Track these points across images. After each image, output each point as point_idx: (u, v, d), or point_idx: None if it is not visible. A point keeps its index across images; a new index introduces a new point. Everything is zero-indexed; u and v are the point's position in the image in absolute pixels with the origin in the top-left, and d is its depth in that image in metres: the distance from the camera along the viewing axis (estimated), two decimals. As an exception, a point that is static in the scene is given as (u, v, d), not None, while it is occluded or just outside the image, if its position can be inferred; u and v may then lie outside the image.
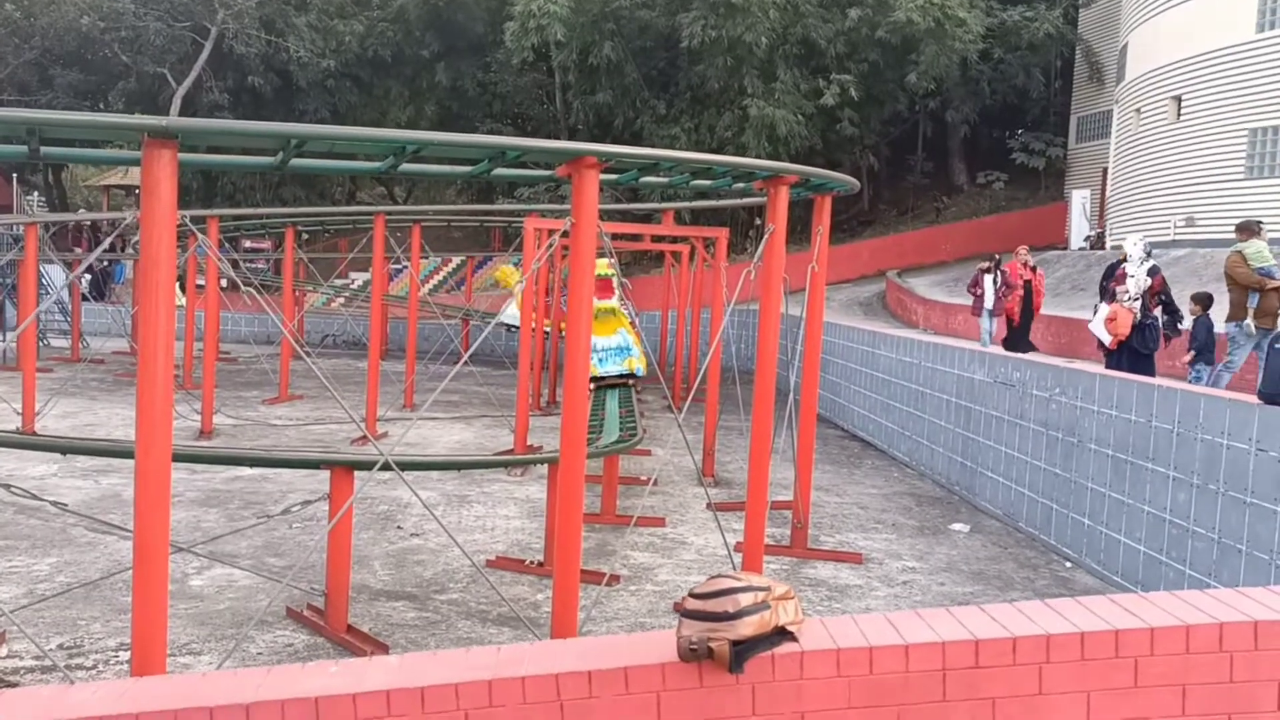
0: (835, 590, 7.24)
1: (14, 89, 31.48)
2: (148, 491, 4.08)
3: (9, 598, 6.27)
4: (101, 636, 5.95)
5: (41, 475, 9.94)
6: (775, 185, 6.29)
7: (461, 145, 5.16)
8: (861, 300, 21.68)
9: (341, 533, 6.00)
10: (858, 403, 14.16)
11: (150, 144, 3.95)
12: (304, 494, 9.14)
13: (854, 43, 25.70)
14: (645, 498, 9.93)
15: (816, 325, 8.11)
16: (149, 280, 4.03)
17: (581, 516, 5.47)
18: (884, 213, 29.59)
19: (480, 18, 30.10)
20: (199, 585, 6.89)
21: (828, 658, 2.89)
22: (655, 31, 26.67)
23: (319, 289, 25.57)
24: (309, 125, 4.30)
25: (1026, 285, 13.22)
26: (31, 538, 7.88)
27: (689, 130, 26.65)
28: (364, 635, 6.03)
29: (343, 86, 31.68)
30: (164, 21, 29.63)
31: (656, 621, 6.55)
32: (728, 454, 12.21)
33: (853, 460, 12.47)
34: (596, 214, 5.11)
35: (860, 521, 9.37)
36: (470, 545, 7.99)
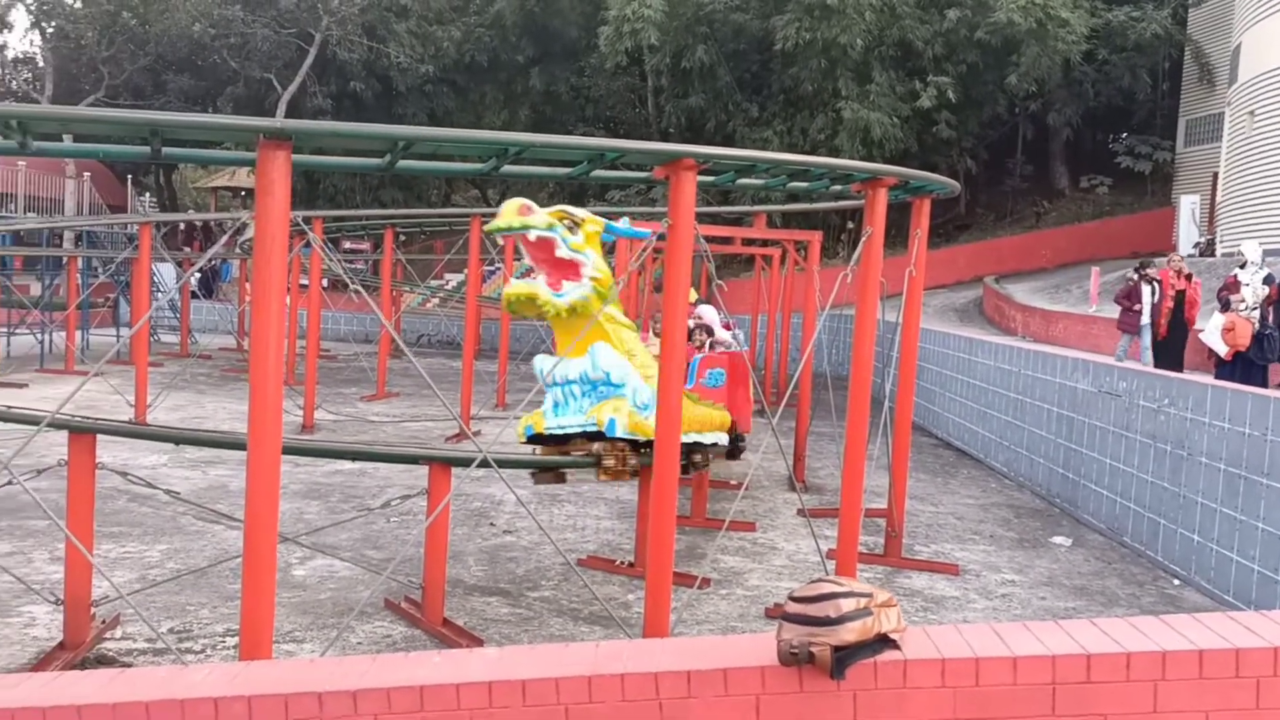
0: (931, 601, 7.11)
1: (130, 94, 32.81)
2: (259, 483, 4.21)
3: (123, 582, 6.52)
4: (209, 622, 6.15)
5: (153, 465, 10.32)
6: (874, 187, 6.21)
7: (562, 147, 5.22)
8: (957, 306, 21.26)
9: (439, 528, 6.11)
10: (953, 410, 13.88)
11: (265, 145, 4.07)
12: (401, 489, 9.33)
13: (952, 44, 25.23)
14: (735, 502, 9.89)
15: (913, 331, 7.98)
16: (263, 277, 4.16)
17: (675, 519, 5.48)
18: (981, 217, 28.98)
19: (575, 22, 30.39)
20: (301, 575, 7.08)
21: (932, 667, 2.84)
22: (749, 34, 26.58)
23: (416, 289, 26.09)
24: (417, 128, 4.40)
25: (1179, 295, 12.13)
26: (143, 525, 8.20)
27: (781, 133, 26.48)
28: (459, 629, 6.12)
29: (440, 91, 32.28)
30: (271, 28, 30.58)
31: (747, 626, 6.51)
32: (818, 460, 12.09)
33: (948, 469, 12.23)
34: (693, 216, 5.11)
35: (956, 532, 9.19)
36: (561, 544, 8.05)
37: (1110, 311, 15.31)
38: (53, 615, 5.92)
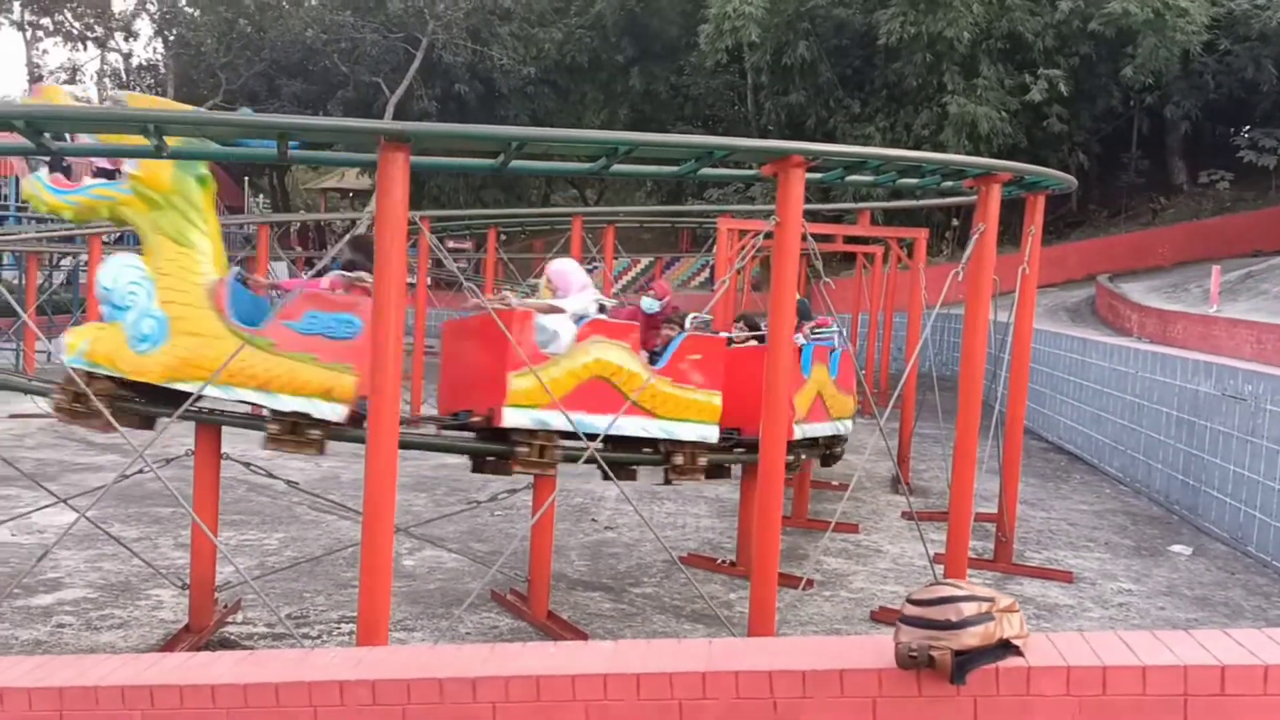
0: (1044, 609, 6.92)
1: (245, 98, 33.98)
2: (377, 476, 4.33)
3: (243, 569, 6.76)
4: (325, 609, 6.35)
5: (269, 456, 10.65)
6: (987, 183, 6.07)
7: (671, 145, 5.23)
8: (1068, 305, 20.64)
9: (544, 523, 6.19)
10: (1064, 413, 13.49)
11: (386, 147, 4.19)
12: (504, 483, 9.47)
13: (1064, 36, 24.47)
14: (838, 503, 9.79)
15: (1026, 331, 7.79)
16: (382, 274, 4.27)
17: (780, 519, 5.45)
18: (1094, 214, 28.06)
19: (675, 21, 30.43)
20: (411, 565, 7.25)
21: (1057, 675, 2.77)
22: (851, 30, 26.23)
23: (517, 288, 26.46)
24: (530, 129, 4.48)
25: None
26: (261, 514, 8.50)
27: (884, 129, 26.06)
28: (564, 622, 6.19)
29: (541, 92, 32.67)
30: (380, 33, 31.35)
31: (851, 628, 6.44)
32: (923, 462, 11.88)
33: (1059, 474, 11.89)
34: (801, 214, 5.07)
35: (1070, 538, 8.93)
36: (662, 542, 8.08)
37: (1233, 312, 14.68)
38: (178, 599, 6.18)
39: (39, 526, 7.61)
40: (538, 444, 5.77)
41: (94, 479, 9.23)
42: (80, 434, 11.45)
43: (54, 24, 36.04)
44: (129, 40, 37.43)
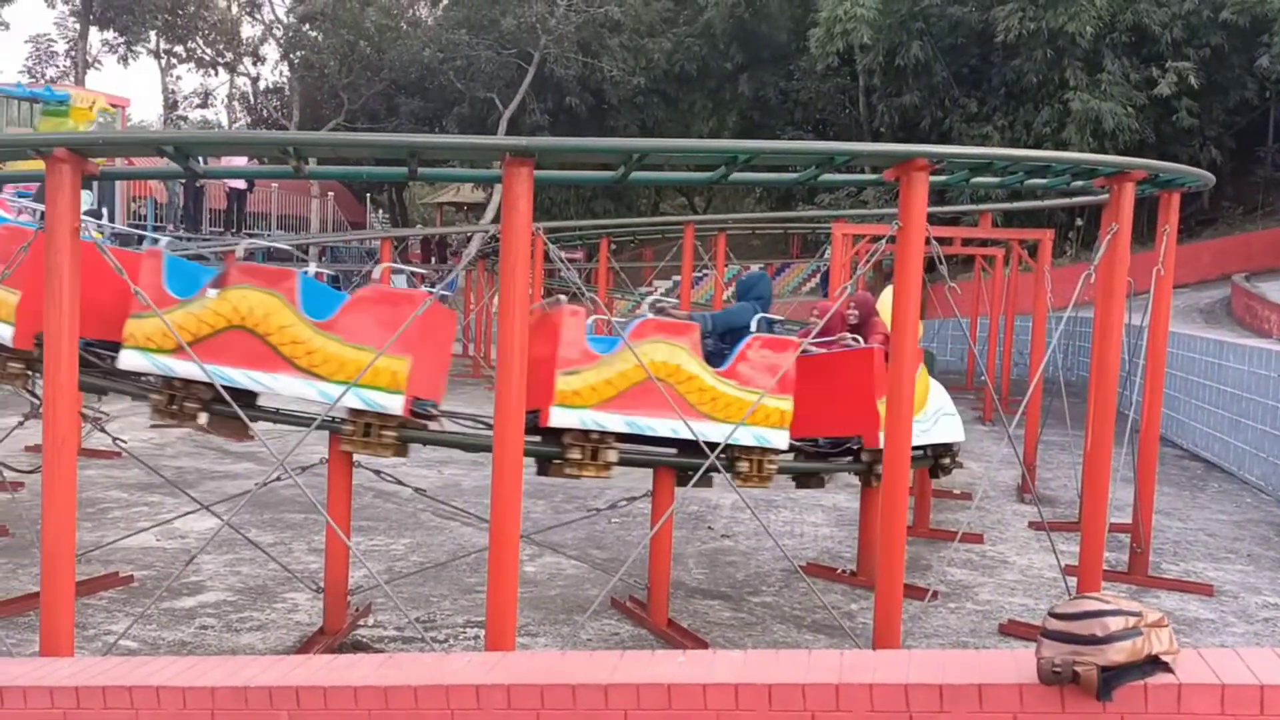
0: (1183, 624, 6.63)
1: (366, 118, 35.12)
2: (503, 483, 4.43)
3: (374, 573, 6.98)
4: (451, 613, 6.50)
5: (393, 464, 10.97)
6: (1120, 182, 5.86)
7: (791, 152, 5.21)
8: (1201, 307, 19.75)
9: (663, 531, 6.21)
10: (1200, 419, 12.90)
11: (511, 162, 4.28)
12: (619, 490, 9.54)
13: (1193, 27, 23.44)
14: (960, 512, 9.56)
15: (1162, 334, 7.49)
16: (508, 286, 4.37)
17: (905, 528, 5.36)
18: (1227, 211, 26.79)
19: (785, 27, 30.23)
20: (531, 571, 7.37)
21: (1210, 693, 2.66)
22: (966, 28, 25.63)
23: (627, 296, 26.66)
24: (650, 140, 4.52)
25: None
26: (388, 520, 8.75)
27: (1002, 128, 25.37)
28: (684, 630, 6.20)
29: (650, 102, 32.84)
30: (494, 50, 31.98)
31: (979, 641, 6.28)
32: (1049, 470, 11.52)
33: (1195, 482, 11.38)
34: (925, 218, 4.99)
35: (1209, 550, 8.53)
36: (779, 550, 8.03)
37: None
38: (313, 602, 6.41)
39: (181, 532, 7.99)
40: (589, 445, 5.60)
41: (231, 486, 9.65)
42: (217, 443, 11.98)
43: (187, 51, 37.85)
44: (257, 65, 39.07)
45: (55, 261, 4.29)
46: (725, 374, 5.85)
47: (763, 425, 5.95)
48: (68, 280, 4.34)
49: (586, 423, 5.53)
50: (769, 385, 5.81)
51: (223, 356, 5.17)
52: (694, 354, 5.76)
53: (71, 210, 4.35)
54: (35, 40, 35.40)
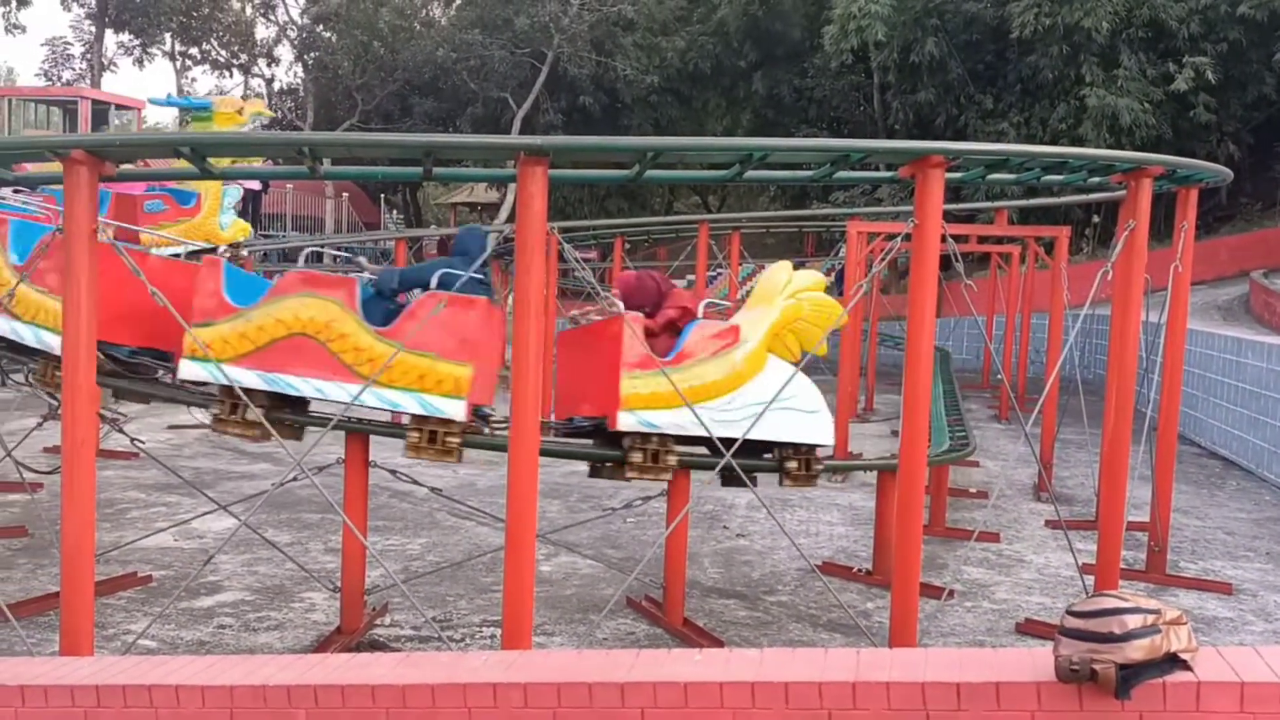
0: (1202, 622, 6.59)
1: (380, 118, 35.23)
2: (519, 483, 4.43)
3: (390, 572, 7.01)
4: (467, 613, 6.52)
5: (409, 463, 11.01)
6: (1137, 178, 5.83)
7: (806, 150, 5.20)
8: (1220, 303, 19.61)
9: (678, 530, 6.21)
10: (1218, 417, 12.81)
11: (525, 161, 4.29)
12: (635, 490, 9.51)
13: (1210, 21, 23.26)
14: (977, 511, 9.53)
15: (1180, 331, 7.44)
16: (523, 285, 4.38)
17: (921, 526, 5.34)
18: (1245, 207, 26.58)
19: (798, 24, 30.17)
20: (547, 571, 7.38)
21: (1229, 691, 2.64)
22: (981, 24, 25.51)
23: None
24: (665, 138, 4.52)
25: None
26: (404, 519, 8.78)
27: (1018, 125, 25.25)
28: (700, 629, 6.20)
29: (664, 101, 32.82)
30: (507, 49, 32.03)
31: (996, 640, 6.26)
32: (1066, 469, 11.47)
33: (1214, 481, 11.31)
34: (941, 215, 4.97)
35: (1227, 548, 8.48)
36: (795, 550, 8.02)
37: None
38: (330, 601, 6.44)
39: (199, 532, 8.03)
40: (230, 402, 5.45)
41: (248, 486, 9.70)
42: (233, 444, 12.04)
43: (201, 53, 38.10)
44: (271, 66, 39.26)
45: (74, 264, 4.32)
46: (388, 333, 5.42)
47: (432, 392, 5.44)
48: (86, 283, 4.37)
49: (218, 377, 5.38)
50: (449, 348, 5.42)
51: (284, 365, 5.29)
52: (349, 309, 5.38)
53: (89, 212, 4.38)
54: (51, 43, 35.67)
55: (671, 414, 5.66)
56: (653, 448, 5.83)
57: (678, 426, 5.74)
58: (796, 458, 6.21)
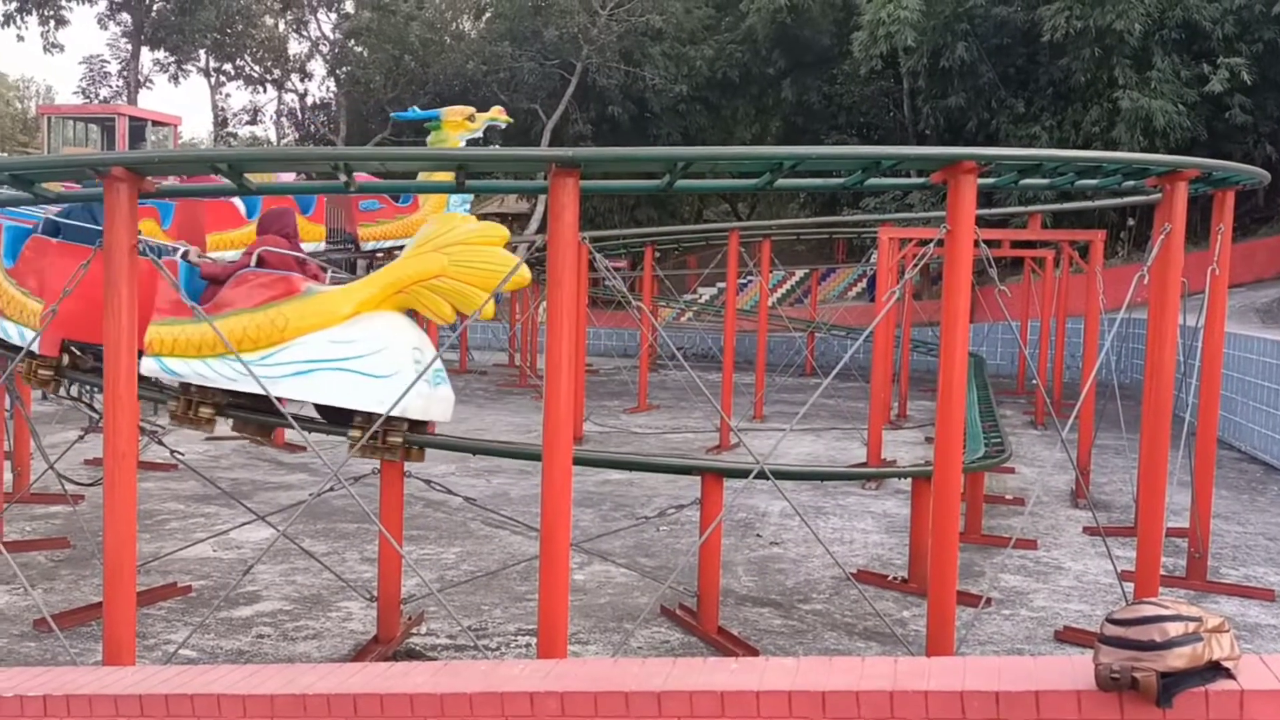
0: (1244, 629, 6.49)
1: (411, 131, 35.50)
2: (553, 491, 4.45)
3: (424, 582, 7.05)
4: (502, 621, 6.54)
5: (442, 474, 11.06)
6: (1172, 181, 5.77)
7: (837, 158, 5.20)
8: (1258, 306, 19.33)
9: (711, 538, 6.21)
10: (1258, 421, 12.63)
11: (557, 173, 4.32)
12: (666, 498, 9.57)
13: (1245, 21, 22.99)
14: (1013, 518, 9.45)
15: (1218, 335, 7.35)
16: (555, 296, 4.40)
17: (957, 534, 5.31)
18: (1284, 208, 26.21)
19: (828, 30, 30.14)
20: (581, 580, 7.39)
21: (1273, 699, 2.61)
22: (1012, 28, 25.37)
23: (672, 304, 26.68)
24: (695, 148, 4.54)
25: None
26: (439, 529, 8.83)
27: (1050, 128, 25.07)
28: (734, 637, 6.19)
29: (693, 110, 32.89)
30: (536, 61, 32.24)
31: (1034, 649, 6.20)
32: (1103, 475, 11.34)
33: (1254, 486, 11.14)
34: (974, 221, 4.94)
35: (1270, 554, 8.35)
36: (829, 558, 7.98)
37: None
38: (366, 610, 6.48)
39: (237, 542, 8.12)
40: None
41: (284, 497, 9.80)
42: (270, 454, 12.18)
43: (235, 69, 38.64)
44: (304, 81, 39.73)
45: (114, 278, 4.40)
46: (13, 273, 6.37)
47: (18, 322, 6.35)
48: (126, 296, 4.44)
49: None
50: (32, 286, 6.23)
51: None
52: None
53: (129, 228, 4.45)
54: (89, 61, 36.31)
55: (195, 363, 5.62)
56: (193, 397, 5.93)
57: (200, 376, 5.67)
58: (365, 426, 5.51)
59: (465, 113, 10.84)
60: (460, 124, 10.56)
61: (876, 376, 11.40)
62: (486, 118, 10.93)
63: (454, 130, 10.50)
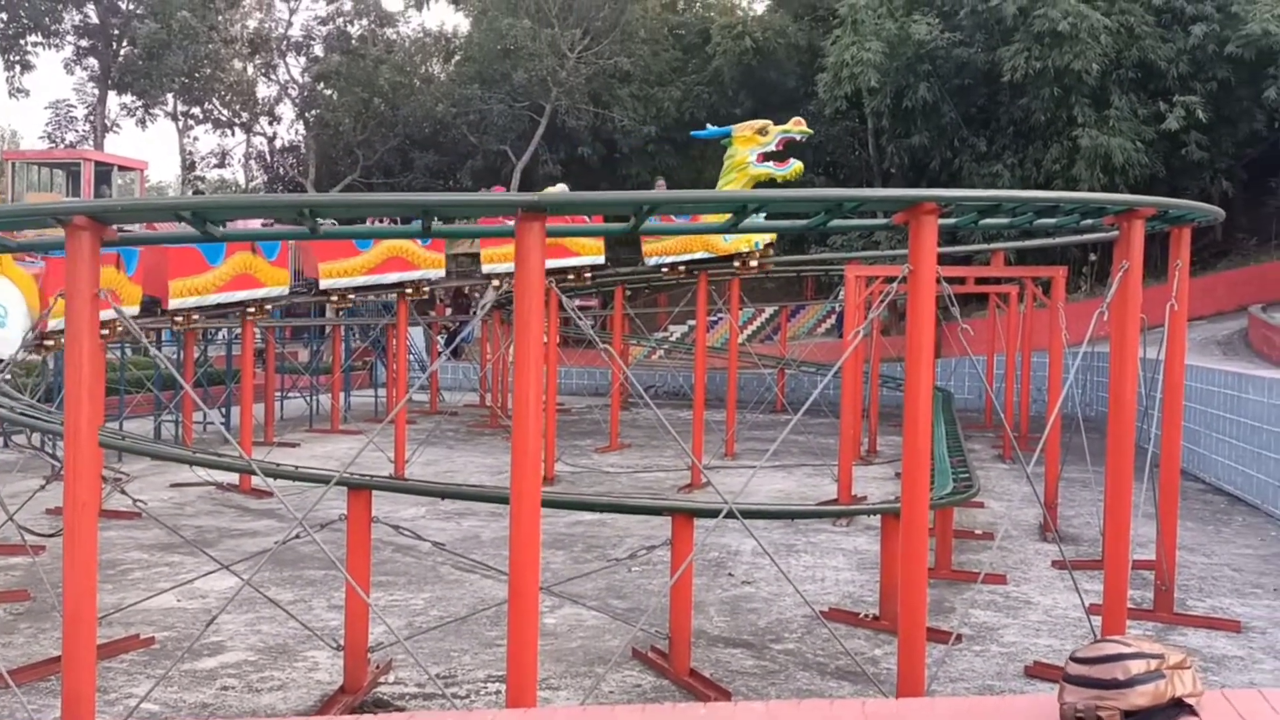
0: (1211, 661, 6.54)
1: (381, 173, 35.61)
2: (521, 534, 4.43)
3: (393, 629, 6.97)
4: (472, 668, 6.47)
5: (412, 517, 10.99)
6: (1129, 220, 5.88)
7: (801, 200, 5.26)
8: (1219, 339, 19.65)
9: (683, 579, 6.19)
10: (1221, 453, 12.79)
11: (524, 218, 4.34)
12: (639, 538, 9.54)
13: (1199, 61, 23.60)
14: (983, 553, 9.49)
15: (1178, 368, 7.46)
16: (522, 338, 4.41)
17: (926, 570, 5.32)
18: (1241, 242, 26.74)
19: (792, 72, 30.61)
20: (552, 623, 7.34)
21: (1236, 736, 2.63)
22: (973, 68, 25.87)
23: (643, 343, 26.73)
24: (660, 192, 4.58)
25: None
26: (408, 574, 8.74)
27: (1011, 166, 25.51)
28: (706, 680, 6.15)
29: (662, 150, 33.20)
30: (505, 103, 32.47)
31: (1005, 685, 6.21)
32: (1071, 508, 11.43)
33: (1219, 516, 11.26)
34: (935, 260, 5.01)
35: (1235, 585, 8.43)
36: (801, 596, 7.97)
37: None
38: (333, 659, 6.39)
39: (201, 591, 8.00)
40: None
41: (250, 544, 9.68)
42: (237, 501, 12.05)
43: (204, 112, 38.54)
44: (273, 124, 39.70)
45: (75, 328, 4.36)
46: None
47: None
48: (88, 346, 4.40)
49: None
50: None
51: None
52: None
53: (91, 276, 4.42)
54: (55, 106, 36.10)
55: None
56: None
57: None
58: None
59: (756, 126, 10.76)
60: (751, 138, 10.46)
61: (846, 413, 11.45)
62: (780, 130, 10.79)
63: (744, 145, 10.39)
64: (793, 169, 10.04)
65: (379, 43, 36.68)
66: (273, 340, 19.11)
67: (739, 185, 10.05)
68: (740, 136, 10.54)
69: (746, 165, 10.21)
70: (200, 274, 13.10)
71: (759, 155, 10.55)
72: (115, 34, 34.35)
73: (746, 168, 10.20)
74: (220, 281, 13.45)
